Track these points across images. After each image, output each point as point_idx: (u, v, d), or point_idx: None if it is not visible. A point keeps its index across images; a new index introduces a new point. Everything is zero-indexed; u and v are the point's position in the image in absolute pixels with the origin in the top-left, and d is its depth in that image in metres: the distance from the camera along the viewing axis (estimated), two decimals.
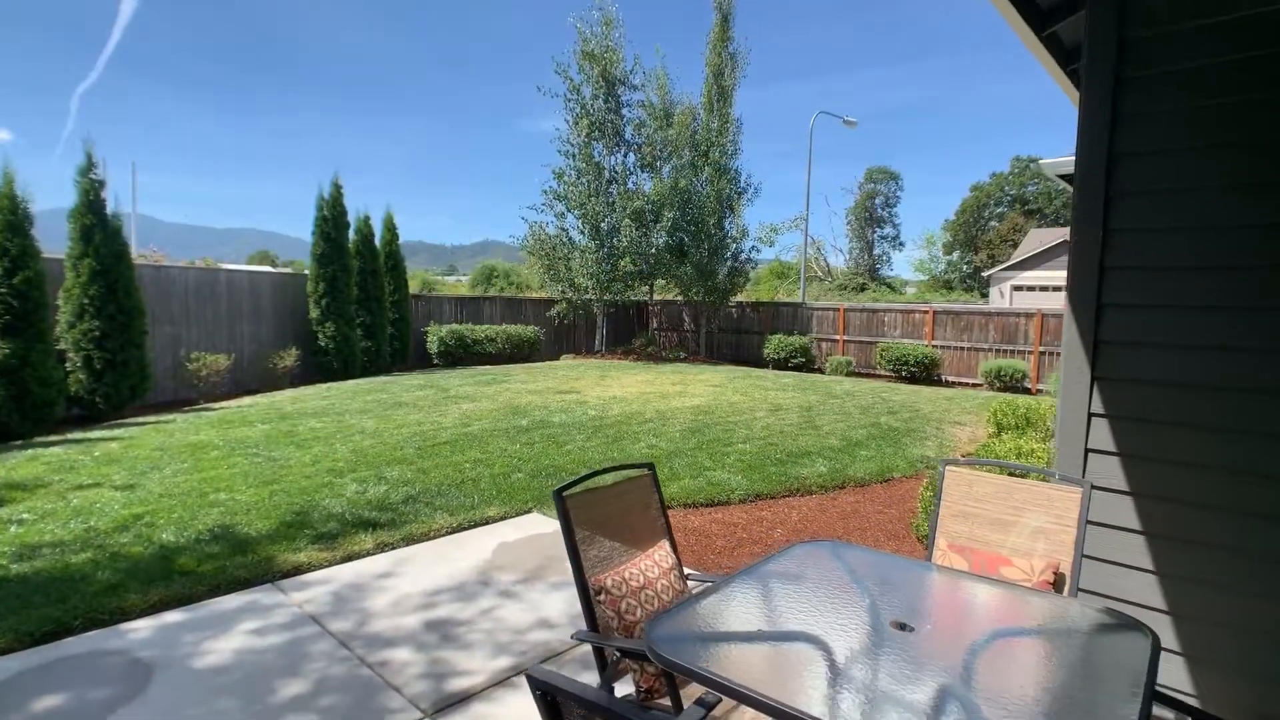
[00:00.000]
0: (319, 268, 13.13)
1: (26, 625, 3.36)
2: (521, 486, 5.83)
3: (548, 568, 4.34)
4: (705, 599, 1.89)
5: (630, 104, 19.59)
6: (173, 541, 4.44)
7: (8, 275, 7.64)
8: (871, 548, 3.43)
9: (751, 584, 2.02)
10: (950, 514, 2.70)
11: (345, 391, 11.06)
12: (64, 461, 6.31)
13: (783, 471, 6.41)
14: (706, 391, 11.82)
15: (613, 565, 2.29)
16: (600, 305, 19.67)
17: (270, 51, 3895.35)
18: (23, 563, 4.05)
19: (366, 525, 4.84)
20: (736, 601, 1.91)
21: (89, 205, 8.79)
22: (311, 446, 7.01)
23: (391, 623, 3.58)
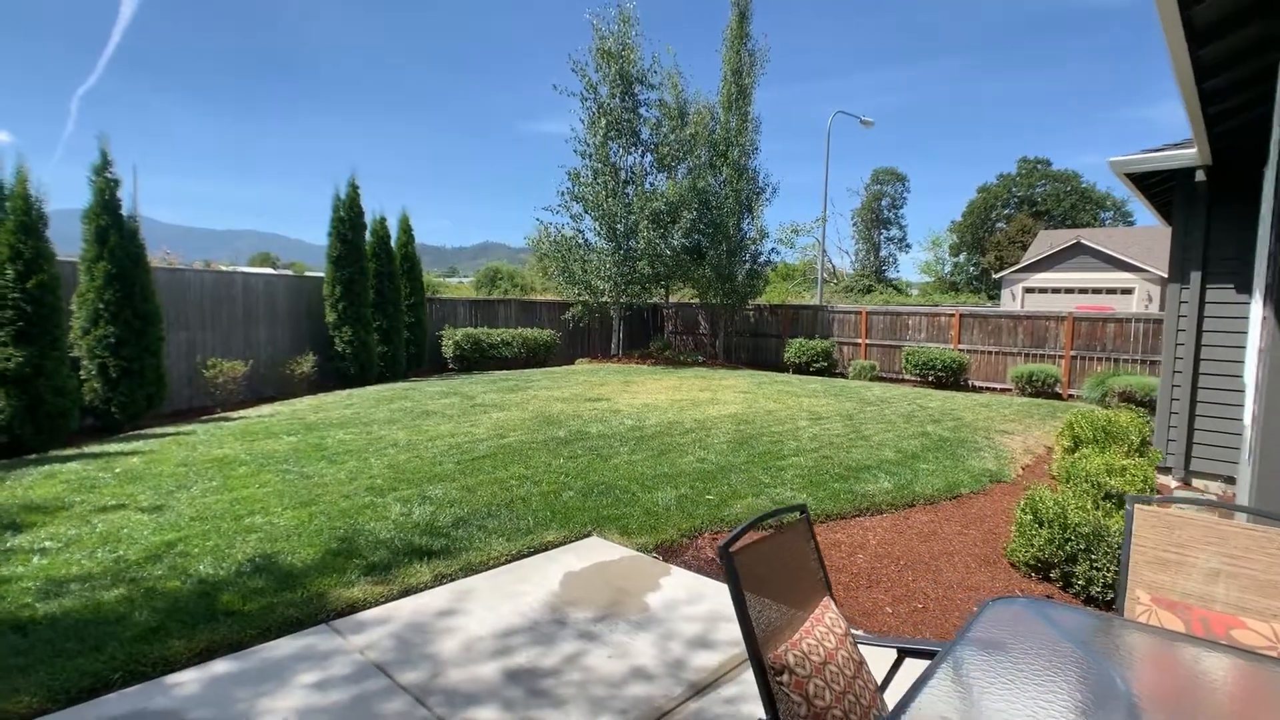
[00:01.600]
0: (335, 270, 12.75)
1: (60, 680, 2.99)
2: (576, 506, 5.45)
3: (623, 603, 3.96)
4: (924, 694, 1.52)
5: (648, 103, 19.23)
6: (212, 575, 4.06)
7: (21, 279, 7.24)
8: (1064, 602, 3.06)
9: (967, 666, 1.65)
10: (1146, 561, 2.32)
11: (368, 399, 10.67)
12: (84, 479, 5.92)
13: (847, 488, 6.03)
14: (738, 398, 11.44)
15: (780, 631, 1.91)
16: (617, 308, 19.30)
17: (269, 53, 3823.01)
18: (50, 601, 3.67)
19: (419, 553, 4.46)
20: (962, 694, 1.54)
21: (104, 205, 8.40)
22: (345, 461, 6.63)
23: (467, 673, 3.20)
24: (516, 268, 52.47)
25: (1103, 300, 31.56)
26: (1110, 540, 3.78)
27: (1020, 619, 1.84)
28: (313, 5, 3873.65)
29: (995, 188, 62.69)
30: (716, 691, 3.06)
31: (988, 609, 1.90)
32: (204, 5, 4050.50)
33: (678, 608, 3.89)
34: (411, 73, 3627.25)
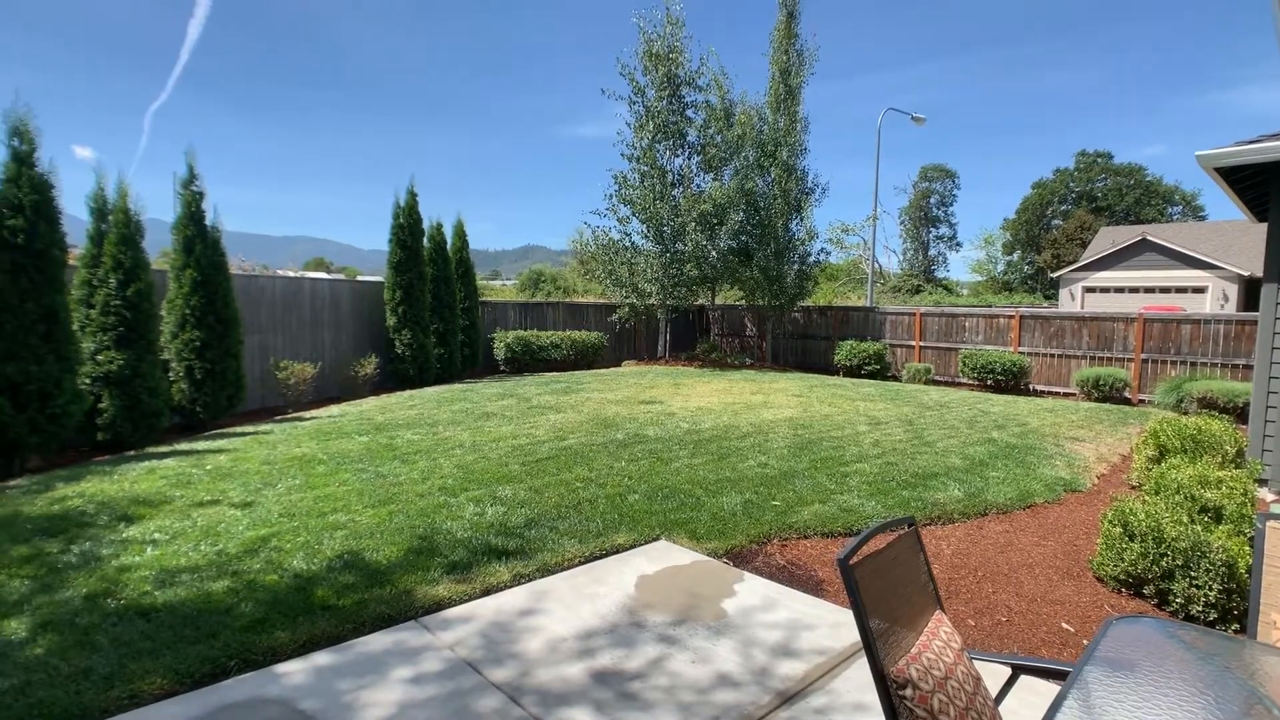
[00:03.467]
0: (395, 275, 13.13)
1: (184, 664, 3.19)
2: (642, 510, 5.52)
3: (698, 607, 4.01)
4: (1061, 715, 1.53)
5: (694, 105, 19.25)
6: (305, 569, 4.26)
7: (122, 287, 7.72)
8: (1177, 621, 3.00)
9: (1099, 687, 1.65)
10: None
11: (429, 400, 10.97)
12: (179, 475, 6.26)
13: (915, 496, 5.97)
14: (791, 402, 11.37)
15: (898, 645, 1.94)
16: (663, 310, 19.36)
17: (320, 67, 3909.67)
18: (166, 590, 3.91)
19: (496, 553, 4.59)
20: (1098, 717, 1.54)
21: (190, 216, 8.88)
22: (416, 461, 6.85)
23: (555, 673, 3.29)
24: (559, 270, 53.01)
25: (1171, 300, 30.19)
26: (1212, 557, 3.66)
27: (1148, 639, 1.82)
28: (361, 20, 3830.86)
29: (1052, 183, 60.63)
30: (805, 701, 3.09)
31: (1111, 628, 1.88)
32: (262, 24, 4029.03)
33: (755, 614, 3.92)
34: (455, 81, 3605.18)
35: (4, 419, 6.40)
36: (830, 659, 3.42)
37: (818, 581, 4.44)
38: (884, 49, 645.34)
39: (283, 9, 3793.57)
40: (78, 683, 3.02)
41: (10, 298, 6.48)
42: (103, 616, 3.59)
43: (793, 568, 4.63)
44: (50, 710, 2.84)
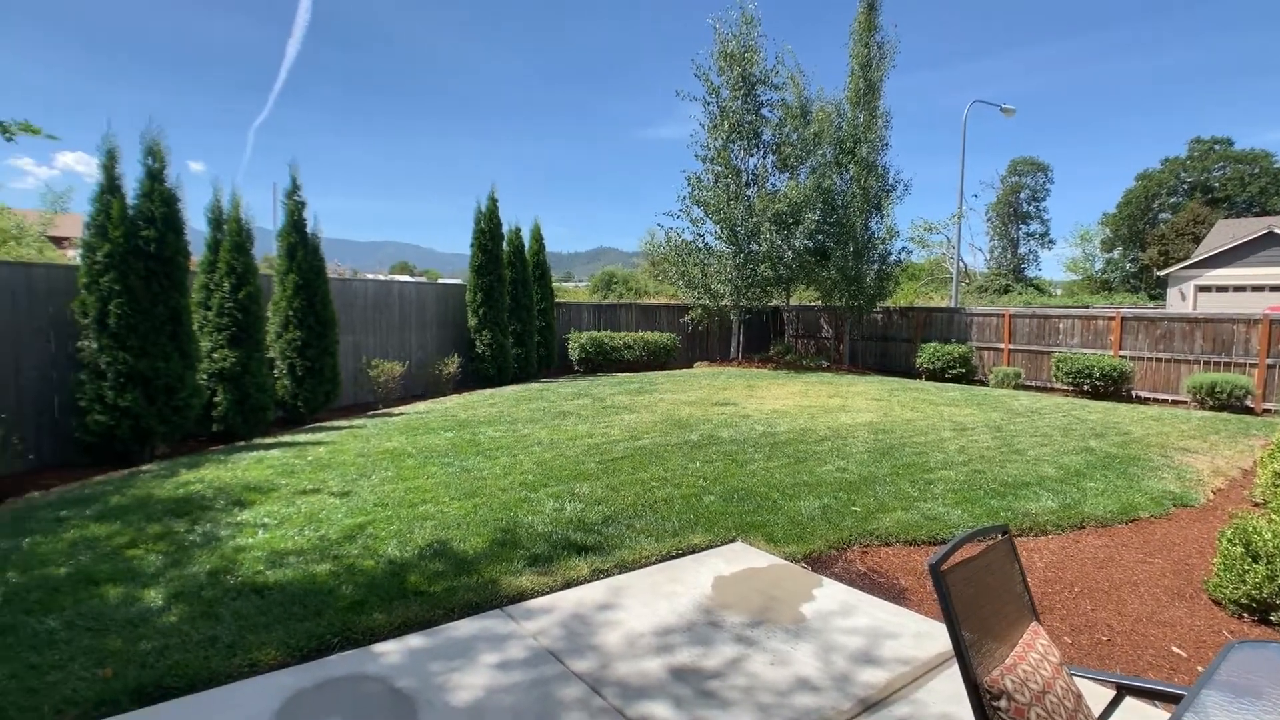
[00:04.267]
0: (477, 278, 13.61)
1: (294, 639, 3.45)
2: (718, 511, 5.54)
3: (775, 610, 3.99)
4: None
5: (770, 104, 19.03)
6: (398, 556, 4.51)
7: (234, 291, 8.38)
8: None
9: (1217, 713, 1.56)
10: None
11: (508, 399, 11.33)
12: (284, 465, 6.74)
13: (1005, 505, 5.72)
14: (870, 406, 11.09)
15: (991, 654, 1.90)
16: (737, 311, 19.23)
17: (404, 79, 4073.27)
18: (275, 570, 4.23)
19: (575, 548, 4.72)
20: None
21: (293, 224, 9.54)
22: (497, 457, 7.10)
23: (634, 667, 3.36)
24: (630, 271, 53.40)
25: None
26: None
27: (1277, 666, 1.72)
28: (443, 32, 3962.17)
29: (1159, 174, 56.38)
30: (888, 710, 3.04)
31: (1233, 652, 1.78)
32: (350, 41, 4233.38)
33: (833, 620, 3.88)
34: (533, 88, 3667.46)
35: (138, 410, 7.06)
36: (914, 669, 3.34)
37: (900, 590, 4.34)
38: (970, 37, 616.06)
39: (368, 26, 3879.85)
40: (205, 649, 3.32)
41: (144, 301, 7.15)
42: (223, 591, 3.93)
43: (873, 575, 4.54)
44: (185, 671, 3.13)
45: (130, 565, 4.28)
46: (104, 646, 3.34)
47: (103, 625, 3.54)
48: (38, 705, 2.89)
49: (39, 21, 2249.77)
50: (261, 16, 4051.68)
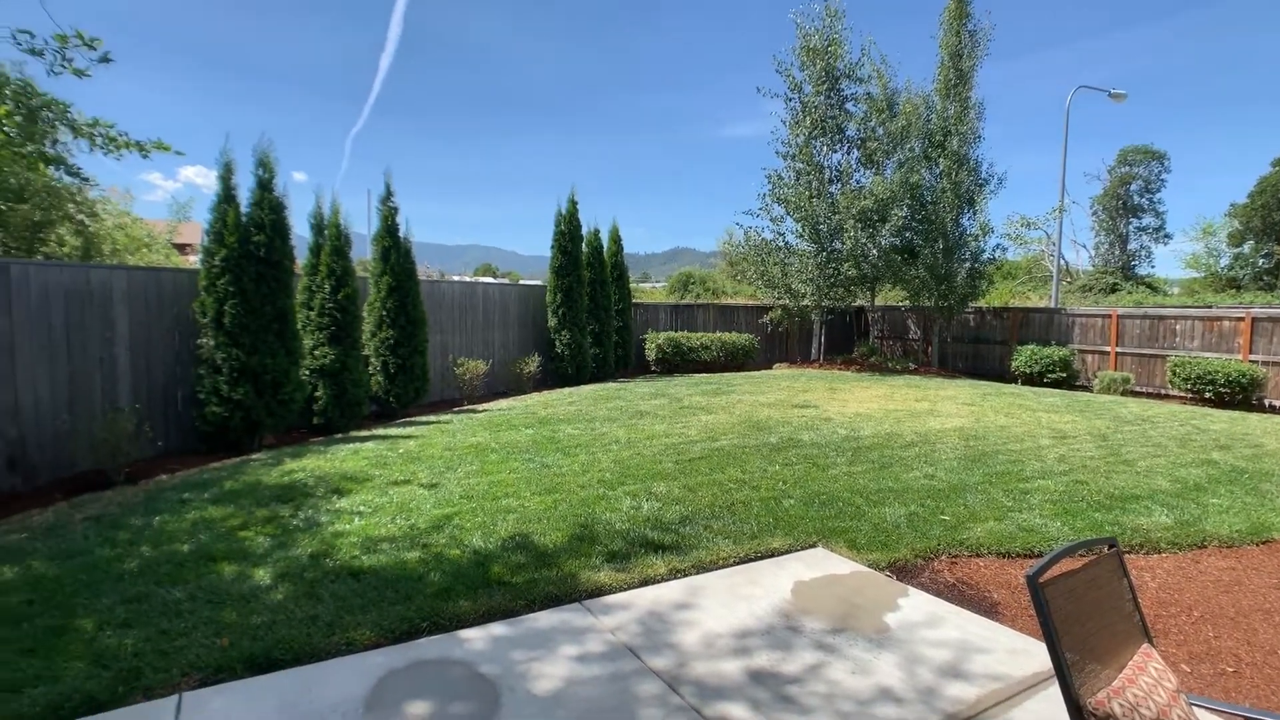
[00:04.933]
0: (556, 279, 13.91)
1: (386, 621, 3.64)
2: (798, 515, 5.44)
3: (856, 618, 3.88)
4: None
5: (854, 98, 18.52)
6: (482, 547, 4.67)
7: (334, 292, 8.93)
8: None
9: None
10: None
11: (586, 397, 11.53)
12: (378, 457, 7.11)
13: (1111, 519, 5.34)
14: (960, 410, 10.59)
15: (1095, 675, 1.78)
16: (818, 312, 18.79)
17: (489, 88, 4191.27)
18: (370, 555, 4.47)
19: (652, 546, 4.75)
20: None
21: (387, 229, 10.07)
22: (576, 454, 7.24)
23: (711, 667, 3.35)
24: (708, 272, 53.10)
25: None
26: None
27: None
28: (523, 41, 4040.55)
29: None
30: None
31: None
32: (438, 53, 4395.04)
33: (919, 631, 3.73)
34: (611, 90, 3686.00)
35: (248, 403, 7.63)
36: (1007, 686, 3.18)
37: (992, 604, 4.13)
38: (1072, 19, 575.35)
39: (455, 36, 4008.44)
40: (308, 626, 3.55)
41: (255, 302, 7.72)
42: (323, 573, 4.19)
43: (963, 586, 4.34)
44: (290, 645, 3.37)
45: (242, 545, 4.64)
46: (221, 618, 3.63)
47: (220, 599, 3.85)
48: (168, 667, 3.18)
49: (163, 48, 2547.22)
50: (357, 33, 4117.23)
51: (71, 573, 4.17)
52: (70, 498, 5.90)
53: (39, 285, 6.37)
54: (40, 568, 4.25)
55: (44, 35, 6.34)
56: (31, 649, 3.32)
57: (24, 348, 6.24)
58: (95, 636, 3.44)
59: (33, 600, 3.82)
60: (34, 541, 4.74)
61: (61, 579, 4.08)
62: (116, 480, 6.36)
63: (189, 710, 2.92)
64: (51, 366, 6.48)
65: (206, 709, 2.93)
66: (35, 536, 4.85)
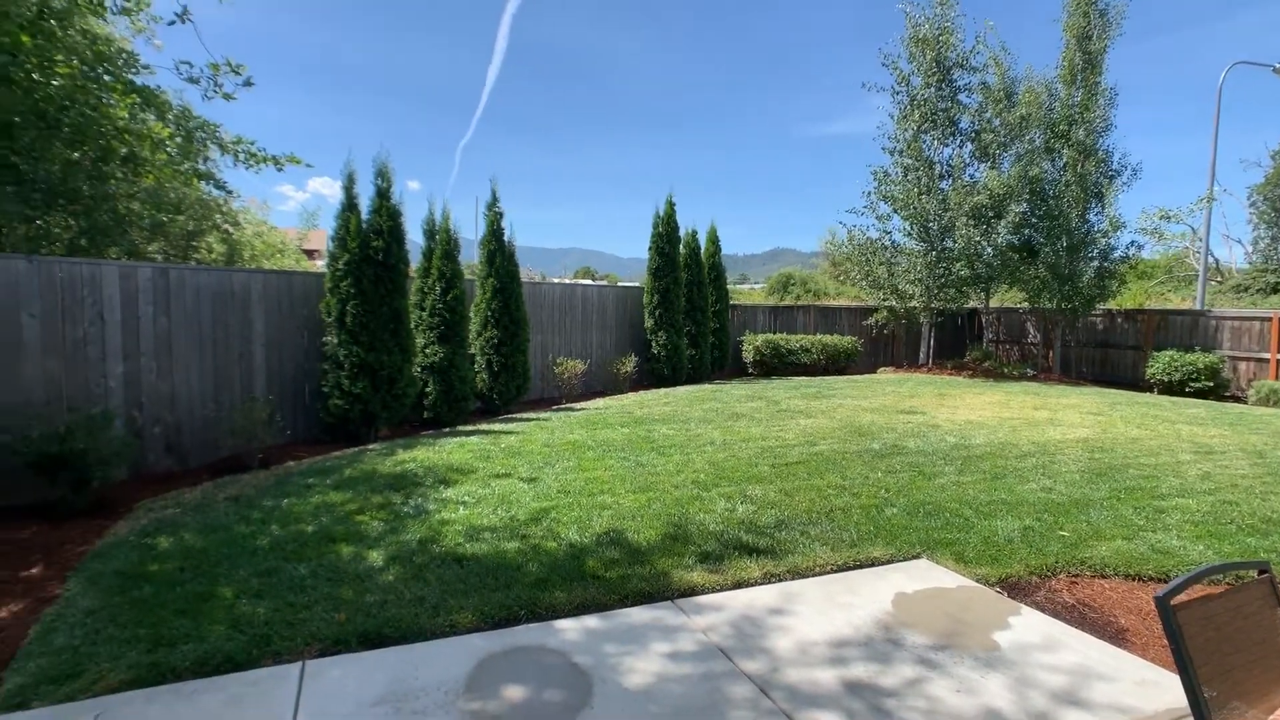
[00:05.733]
0: (653, 281, 14.02)
1: (487, 607, 3.80)
2: (900, 525, 5.21)
3: (963, 634, 3.67)
4: None
5: (968, 88, 17.52)
6: (577, 541, 4.78)
7: (444, 294, 9.45)
8: None
9: None
10: None
11: (681, 398, 11.55)
12: (481, 451, 7.44)
13: (1267, 545, 4.76)
14: (1086, 421, 9.78)
15: (1237, 714, 1.60)
16: (927, 314, 17.91)
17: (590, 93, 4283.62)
18: (472, 544, 4.68)
19: (746, 549, 4.69)
20: None
21: (493, 233, 10.53)
22: (671, 454, 7.27)
23: (805, 674, 3.27)
24: (809, 273, 51.92)
25: None
26: None
27: None
28: (622, 46, 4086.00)
29: None
30: None
31: None
32: (542, 60, 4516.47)
33: (1033, 653, 3.49)
34: (709, 90, 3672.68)
35: (366, 396, 8.20)
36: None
37: (1118, 629, 3.79)
38: None
39: (557, 46, 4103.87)
40: (415, 607, 3.77)
41: (373, 302, 8.28)
42: (430, 558, 4.43)
43: (1084, 608, 4.01)
44: (400, 623, 3.59)
45: (358, 528, 4.98)
46: (339, 595, 3.92)
47: (338, 576, 4.15)
48: (294, 636, 3.47)
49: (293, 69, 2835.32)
50: (467, 48, 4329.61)
51: (215, 545, 4.63)
52: (214, 478, 6.55)
53: (192, 287, 7.12)
54: (190, 540, 4.75)
55: (200, 65, 7.10)
56: (183, 610, 3.71)
57: (179, 343, 6.99)
58: (233, 603, 3.80)
59: (184, 568, 4.27)
60: (185, 516, 5.30)
61: (206, 550, 4.54)
62: (252, 464, 7.00)
63: (310, 677, 3.17)
64: (201, 360, 7.23)
65: (325, 677, 3.18)
66: (186, 512, 5.42)
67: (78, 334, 6.08)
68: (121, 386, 6.44)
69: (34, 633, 3.53)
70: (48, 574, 4.32)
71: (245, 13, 25.00)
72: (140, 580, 4.09)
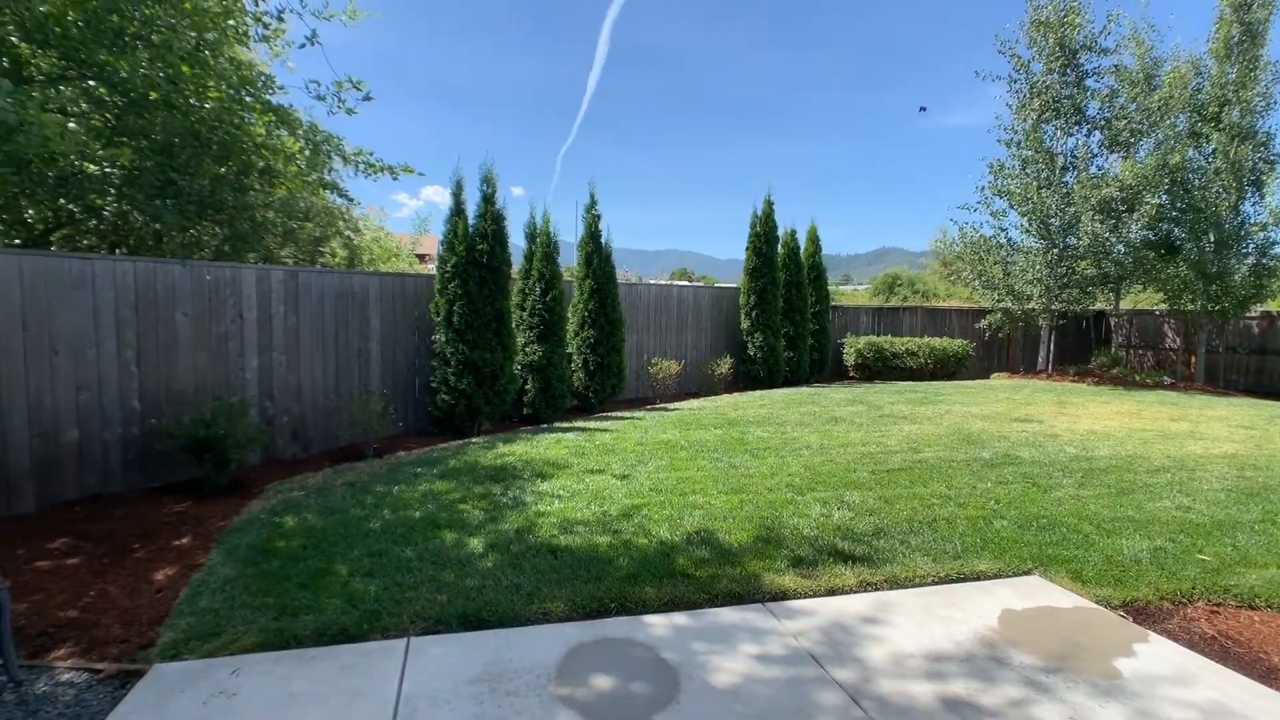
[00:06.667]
0: (750, 282, 13.86)
1: (578, 598, 3.89)
2: (1010, 539, 4.89)
3: (1077, 658, 3.40)
4: None
5: (1097, 72, 16.18)
6: (667, 539, 4.80)
7: (543, 295, 9.78)
8: None
9: None
10: None
11: (778, 401, 11.35)
12: (576, 447, 7.64)
13: None
14: (1234, 434, 8.79)
15: None
16: (1046, 316, 16.69)
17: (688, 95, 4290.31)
18: (566, 536, 4.82)
19: (840, 556, 4.55)
20: None
21: (591, 235, 10.79)
22: (765, 457, 7.17)
23: (898, 686, 3.14)
24: (917, 273, 49.80)
25: None
26: None
27: None
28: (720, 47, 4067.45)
29: None
30: None
31: None
32: (641, 66, 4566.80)
33: (1161, 685, 3.18)
34: (809, 87, 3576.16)
35: (470, 392, 8.61)
36: None
37: (1269, 667, 3.39)
38: None
39: (656, 50, 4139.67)
40: (511, 594, 3.92)
41: (478, 302, 8.69)
42: (526, 547, 4.59)
43: (1226, 640, 3.61)
44: (496, 608, 3.75)
45: (460, 516, 5.24)
46: (441, 577, 4.14)
47: (441, 560, 4.39)
48: (400, 613, 3.70)
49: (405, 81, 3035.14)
50: (570, 56, 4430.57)
51: (333, 526, 5.01)
52: (333, 465, 7.08)
53: (317, 289, 7.73)
54: (312, 520, 5.16)
55: (326, 83, 7.71)
56: (305, 584, 4.05)
57: (306, 339, 7.61)
58: (348, 580, 4.10)
59: (306, 545, 4.65)
60: (308, 498, 5.77)
61: (325, 530, 4.92)
62: (366, 453, 7.51)
63: (414, 653, 3.37)
64: (324, 355, 7.83)
65: (427, 654, 3.37)
66: (309, 494, 5.90)
67: (221, 330, 6.75)
68: (256, 378, 7.09)
69: (184, 594, 3.95)
70: (194, 544, 4.82)
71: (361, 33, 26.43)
72: (269, 554, 4.49)
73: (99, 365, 5.86)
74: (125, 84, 6.31)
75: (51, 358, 5.57)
